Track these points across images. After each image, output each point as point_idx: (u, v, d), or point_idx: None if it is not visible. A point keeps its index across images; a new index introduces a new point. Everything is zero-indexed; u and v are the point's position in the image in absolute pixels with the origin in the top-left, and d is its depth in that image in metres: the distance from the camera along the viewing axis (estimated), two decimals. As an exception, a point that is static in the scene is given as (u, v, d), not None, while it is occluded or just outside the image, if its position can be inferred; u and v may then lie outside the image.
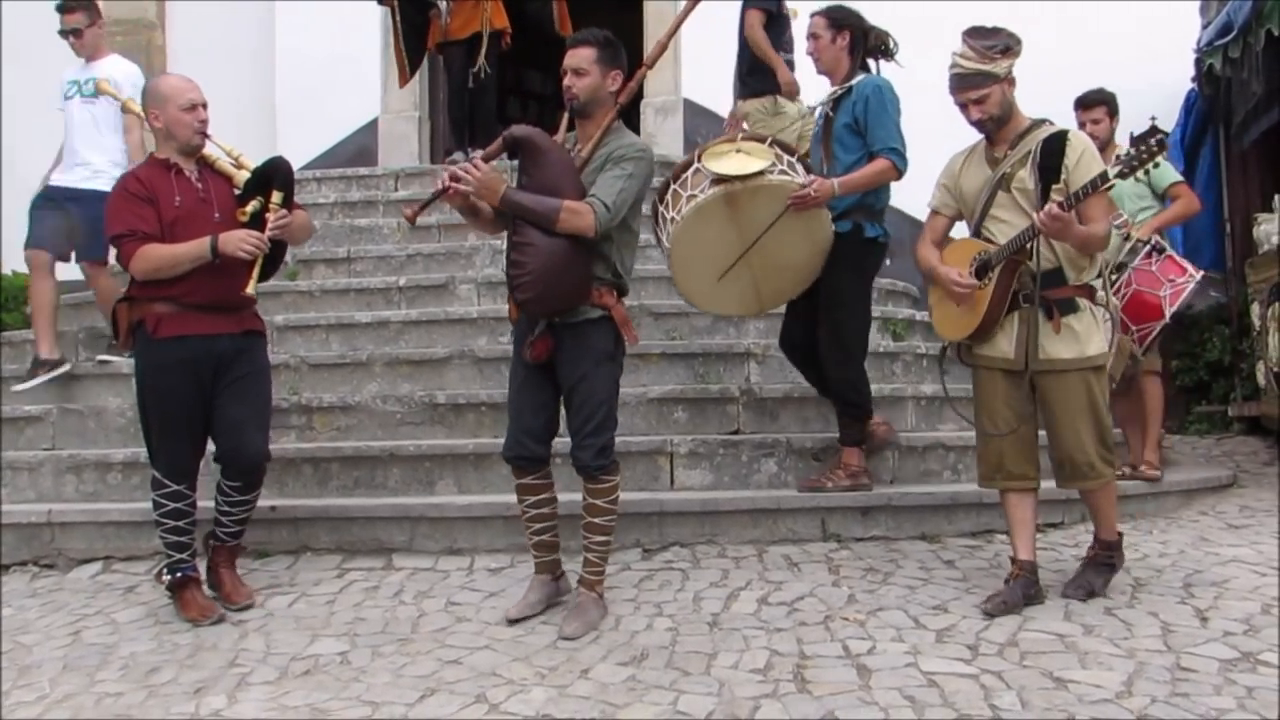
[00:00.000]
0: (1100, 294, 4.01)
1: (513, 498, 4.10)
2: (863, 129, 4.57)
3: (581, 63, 3.88)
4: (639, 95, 8.79)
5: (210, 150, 4.27)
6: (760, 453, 5.04)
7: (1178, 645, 3.57)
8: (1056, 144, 3.84)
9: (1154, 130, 3.73)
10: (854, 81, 4.67)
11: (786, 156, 4.46)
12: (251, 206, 4.10)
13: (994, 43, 3.83)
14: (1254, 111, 7.20)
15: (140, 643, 3.96)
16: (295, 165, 8.57)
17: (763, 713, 3.22)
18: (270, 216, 4.07)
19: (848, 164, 4.59)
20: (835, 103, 4.73)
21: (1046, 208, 3.69)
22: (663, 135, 8.74)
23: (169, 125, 4.15)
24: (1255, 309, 6.86)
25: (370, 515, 4.75)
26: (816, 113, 4.94)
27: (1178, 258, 5.56)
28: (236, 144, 4.42)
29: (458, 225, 6.92)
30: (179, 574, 4.12)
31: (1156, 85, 7.65)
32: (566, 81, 3.90)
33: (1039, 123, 3.96)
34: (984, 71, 3.82)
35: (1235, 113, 7.50)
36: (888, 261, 5.08)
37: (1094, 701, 3.20)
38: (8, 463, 5.14)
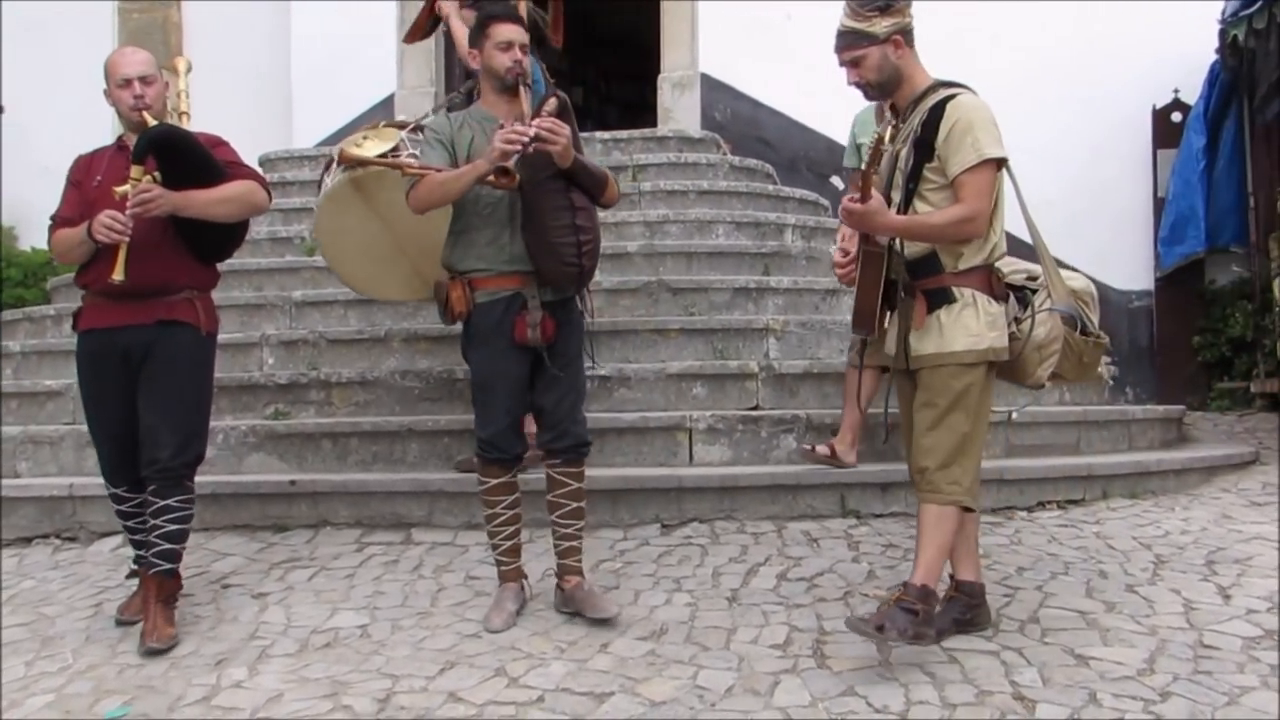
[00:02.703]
0: (1034, 274, 3.50)
1: (530, 472, 4.08)
2: None
3: (525, 38, 3.76)
4: (656, 70, 8.79)
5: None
6: (779, 429, 5.02)
7: (1200, 623, 3.55)
8: (936, 114, 3.32)
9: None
10: None
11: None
12: (123, 188, 3.67)
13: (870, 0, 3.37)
14: (1278, 84, 7.12)
15: (162, 615, 3.98)
16: (311, 141, 8.54)
17: (782, 688, 3.22)
18: (129, 194, 3.64)
19: None
20: None
21: (843, 200, 3.30)
22: (679, 110, 8.71)
23: (115, 104, 3.88)
24: (1278, 284, 6.80)
25: (389, 490, 4.75)
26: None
27: None
28: (252, 120, 4.41)
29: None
30: (134, 566, 4.04)
31: (1180, 57, 7.60)
32: (516, 55, 3.69)
33: (936, 87, 3.41)
34: (858, 30, 3.34)
35: (1259, 85, 7.43)
36: None
37: (1115, 679, 3.18)
38: (29, 436, 5.17)
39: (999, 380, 3.49)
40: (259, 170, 4.21)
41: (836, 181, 8.42)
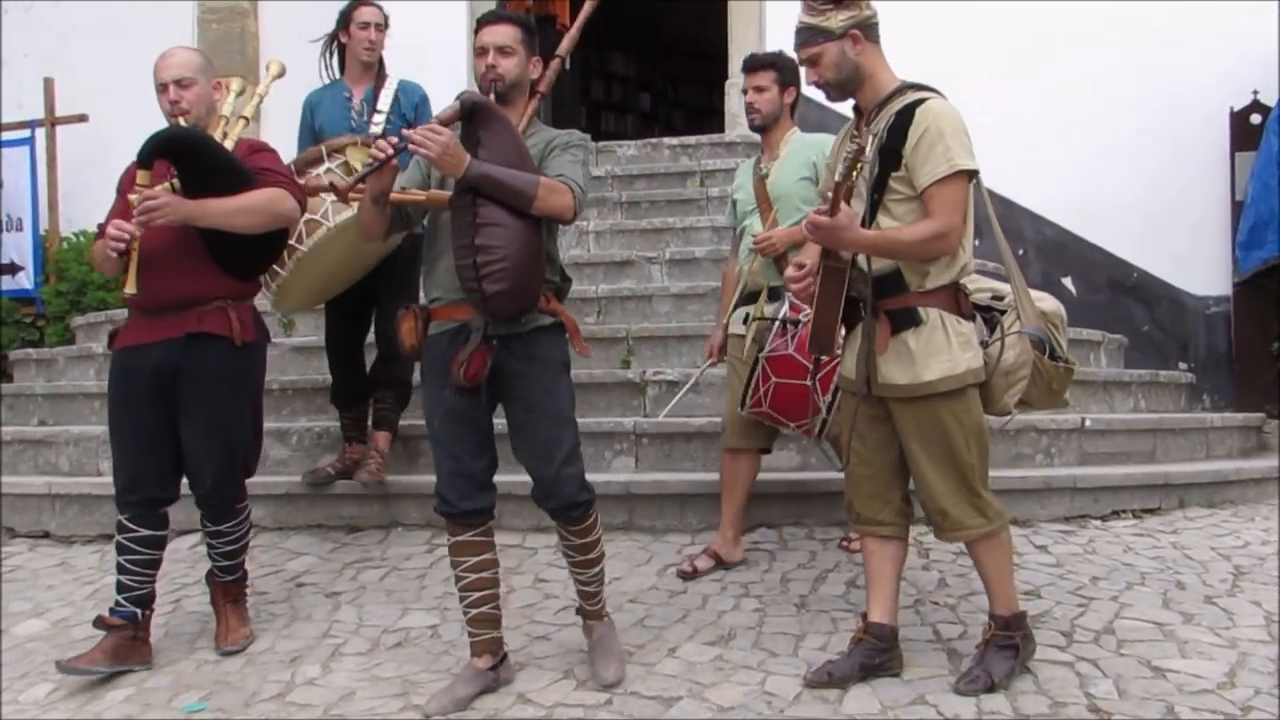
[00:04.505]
0: (1000, 293, 3.32)
1: (599, 475, 4.08)
2: None
3: (507, 40, 3.32)
4: (723, 75, 8.77)
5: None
6: (847, 434, 4.98)
7: (1282, 636, 3.48)
8: (903, 120, 3.10)
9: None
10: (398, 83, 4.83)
11: None
12: (135, 195, 3.46)
13: None
14: (1364, 85, 6.93)
15: (238, 613, 4.05)
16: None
17: (851, 695, 3.20)
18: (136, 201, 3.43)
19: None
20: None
21: (809, 212, 3.07)
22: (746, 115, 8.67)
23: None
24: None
25: (459, 492, 4.79)
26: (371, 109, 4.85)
27: None
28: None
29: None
30: (108, 612, 3.73)
31: (1259, 58, 7.42)
32: (490, 60, 3.31)
33: (904, 89, 3.19)
34: (813, 26, 3.16)
35: (1341, 87, 7.23)
36: None
37: (1194, 692, 3.13)
38: (108, 437, 5.28)
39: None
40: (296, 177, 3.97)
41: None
